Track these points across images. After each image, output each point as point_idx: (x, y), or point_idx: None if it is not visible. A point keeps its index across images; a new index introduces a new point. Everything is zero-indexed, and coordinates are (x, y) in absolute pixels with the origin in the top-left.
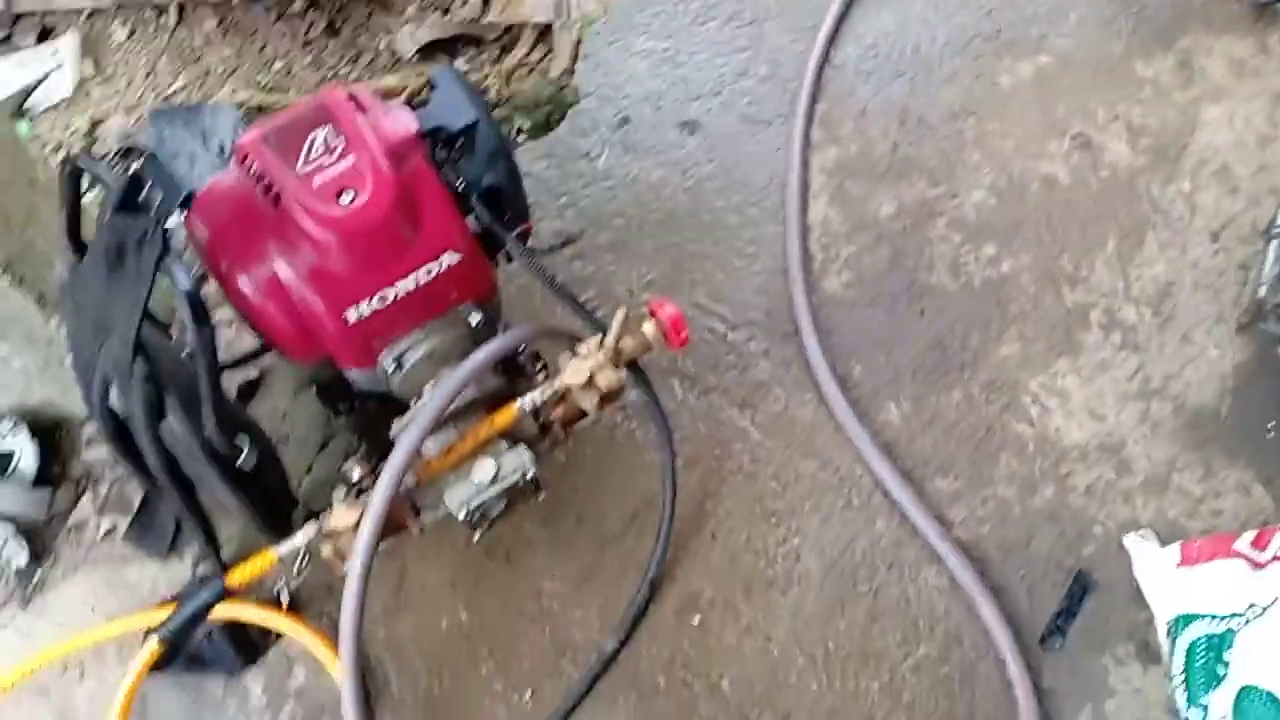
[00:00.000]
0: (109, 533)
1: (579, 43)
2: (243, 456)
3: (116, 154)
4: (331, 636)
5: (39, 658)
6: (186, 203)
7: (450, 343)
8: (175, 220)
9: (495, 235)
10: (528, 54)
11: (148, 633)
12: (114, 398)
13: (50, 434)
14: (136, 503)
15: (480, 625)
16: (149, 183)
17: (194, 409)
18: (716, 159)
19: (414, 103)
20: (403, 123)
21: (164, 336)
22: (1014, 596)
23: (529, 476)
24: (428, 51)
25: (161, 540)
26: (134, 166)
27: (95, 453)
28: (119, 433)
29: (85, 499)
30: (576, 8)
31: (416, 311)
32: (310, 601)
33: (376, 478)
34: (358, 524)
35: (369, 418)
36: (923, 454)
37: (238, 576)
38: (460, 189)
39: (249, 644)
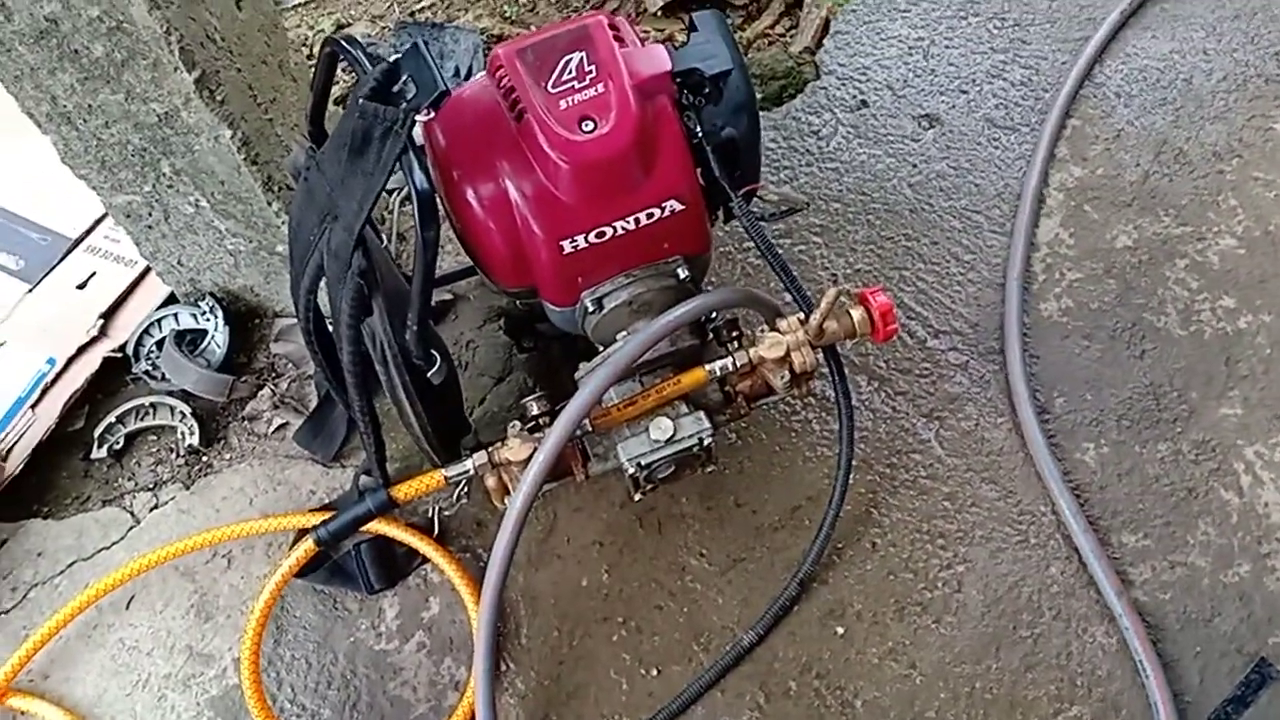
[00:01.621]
0: (280, 428)
1: (827, 22)
2: (434, 369)
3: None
4: (473, 573)
5: (191, 541)
6: (438, 101)
7: (653, 293)
8: (423, 117)
9: (722, 190)
10: (772, 25)
11: (302, 532)
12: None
13: (243, 320)
14: (313, 405)
15: (619, 591)
16: (404, 76)
17: (397, 312)
18: (951, 158)
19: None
20: (657, 60)
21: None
22: (1185, 672)
23: (705, 443)
24: (671, 9)
25: (329, 445)
26: (393, 57)
27: (282, 347)
28: (317, 324)
29: (264, 392)
30: None
31: (628, 255)
32: (458, 534)
33: (555, 416)
34: (528, 459)
35: (550, 360)
36: (1114, 504)
37: (403, 491)
38: (698, 137)
39: (392, 565)
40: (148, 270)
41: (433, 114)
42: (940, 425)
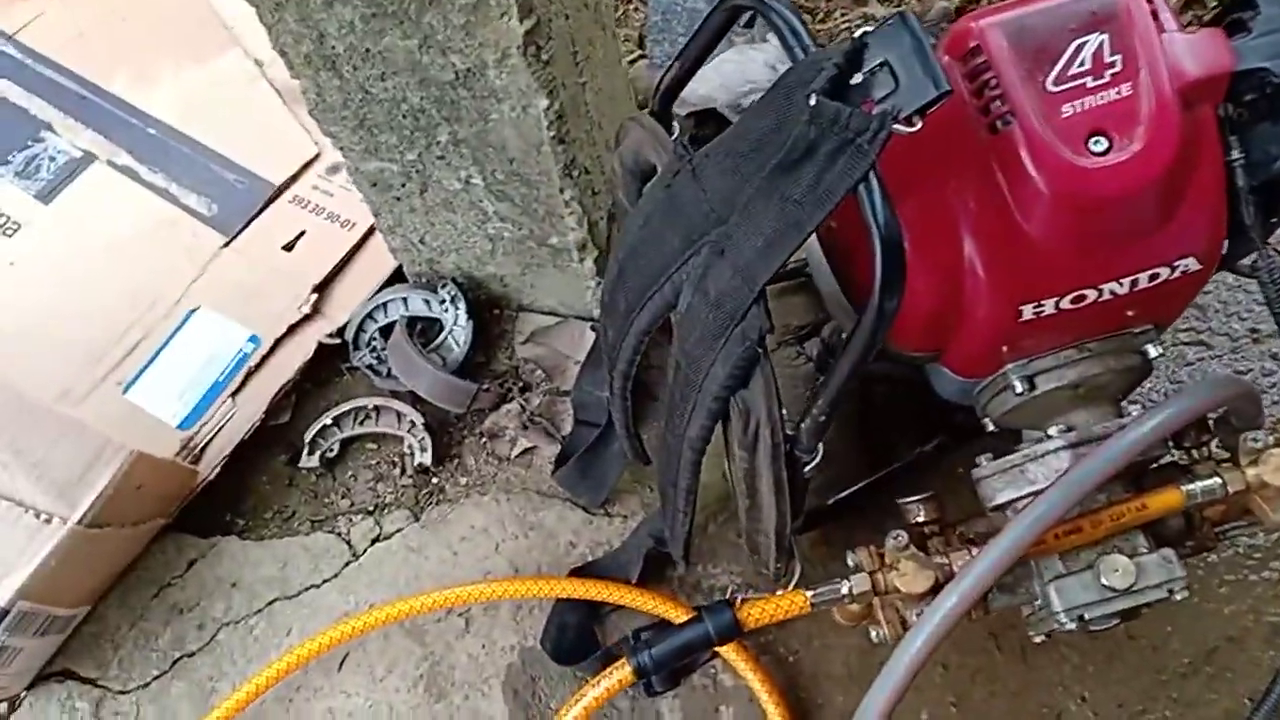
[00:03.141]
0: (526, 452)
1: None
2: (816, 460)
3: None
4: (778, 680)
5: (429, 599)
6: (930, 107)
7: (1111, 375)
8: (908, 129)
9: (1247, 243)
10: None
11: (625, 646)
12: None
13: (481, 311)
14: (566, 429)
15: None
16: (874, 63)
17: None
18: None
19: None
20: (1211, 53)
21: None
22: None
23: (1176, 597)
24: None
25: (598, 490)
26: (860, 33)
27: (531, 351)
28: (637, 378)
29: (510, 406)
30: None
31: (1088, 324)
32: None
33: (945, 535)
34: (927, 593)
35: (870, 407)
36: None
37: (754, 615)
38: (1234, 166)
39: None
40: (369, 234)
41: (920, 124)
42: None
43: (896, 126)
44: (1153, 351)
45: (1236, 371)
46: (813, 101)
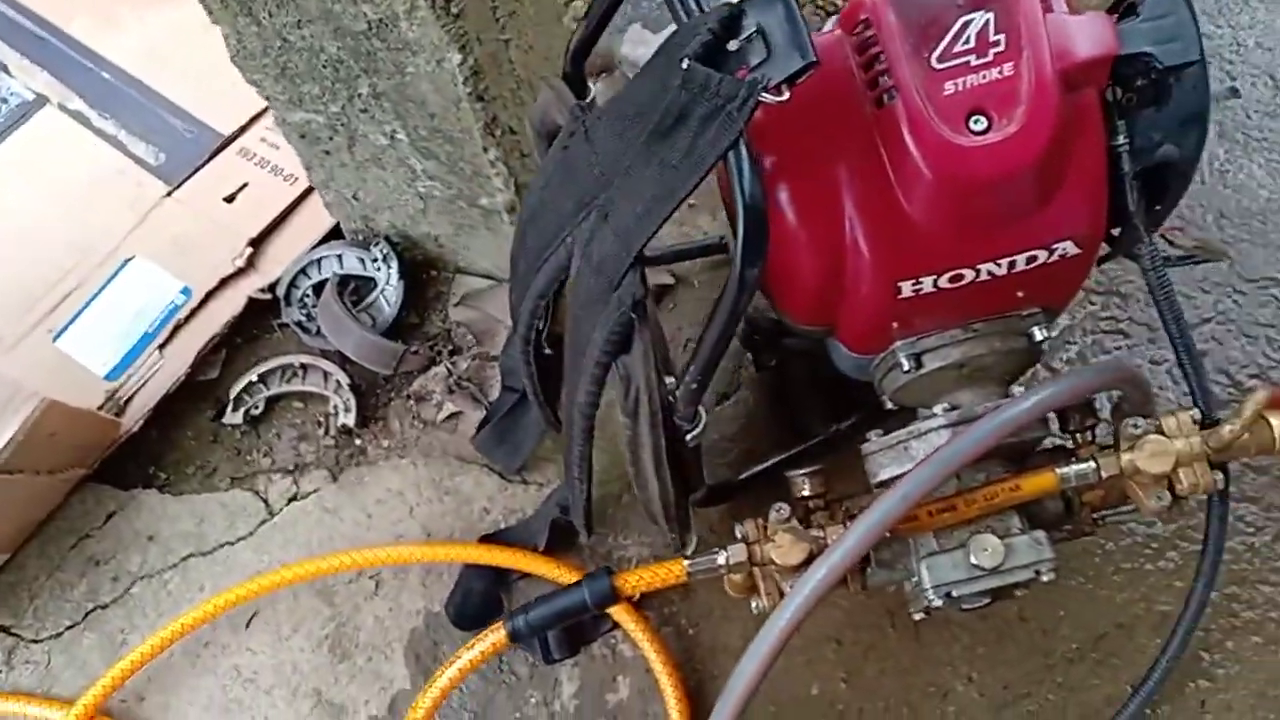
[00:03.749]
0: (452, 417)
1: None
2: (697, 430)
3: None
4: (676, 654)
5: (337, 559)
6: (797, 78)
7: (996, 356)
8: (777, 98)
9: (1132, 230)
10: None
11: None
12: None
13: (417, 272)
14: (494, 395)
15: (859, 711)
16: (751, 28)
17: (660, 356)
18: None
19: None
20: (1097, 36)
21: None
22: None
23: (1043, 578)
24: None
25: (514, 456)
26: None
27: (464, 314)
28: (538, 336)
29: (438, 369)
30: None
31: (974, 304)
32: (660, 598)
33: (831, 504)
34: (801, 566)
35: (793, 384)
36: None
37: (631, 582)
38: (1121, 153)
39: (576, 627)
40: (310, 191)
41: (788, 95)
42: None
43: (765, 96)
44: (1039, 335)
45: (1153, 361)
46: (685, 66)
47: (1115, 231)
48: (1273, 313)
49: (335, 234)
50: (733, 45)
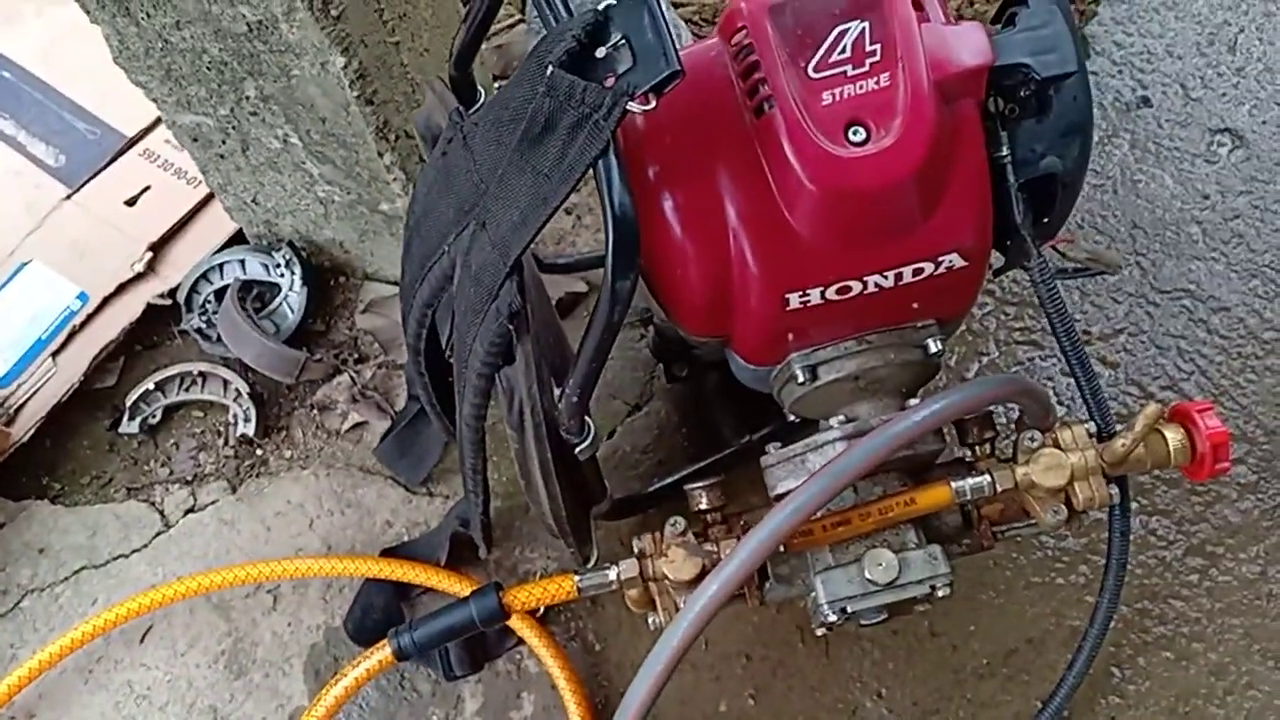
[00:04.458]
0: (356, 427)
1: None
2: (586, 443)
3: None
4: (581, 671)
5: (232, 573)
6: (665, 86)
7: (891, 368)
8: (641, 107)
9: (1021, 243)
10: None
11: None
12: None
13: (324, 278)
14: (400, 405)
15: None
16: (617, 36)
17: (548, 366)
18: (1256, 192)
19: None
20: (971, 46)
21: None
22: None
23: (939, 594)
24: None
25: (417, 468)
26: (604, 4)
27: (370, 322)
28: (430, 344)
29: (342, 379)
30: None
31: (866, 315)
32: (565, 614)
33: (729, 519)
34: (695, 580)
35: (703, 395)
36: None
37: (520, 599)
38: (1003, 165)
39: (478, 643)
40: (214, 195)
41: (654, 103)
42: (1213, 565)
43: (631, 105)
44: (934, 347)
45: (1065, 373)
46: (549, 73)
47: (1006, 243)
48: (1184, 324)
49: (239, 239)
50: (600, 53)
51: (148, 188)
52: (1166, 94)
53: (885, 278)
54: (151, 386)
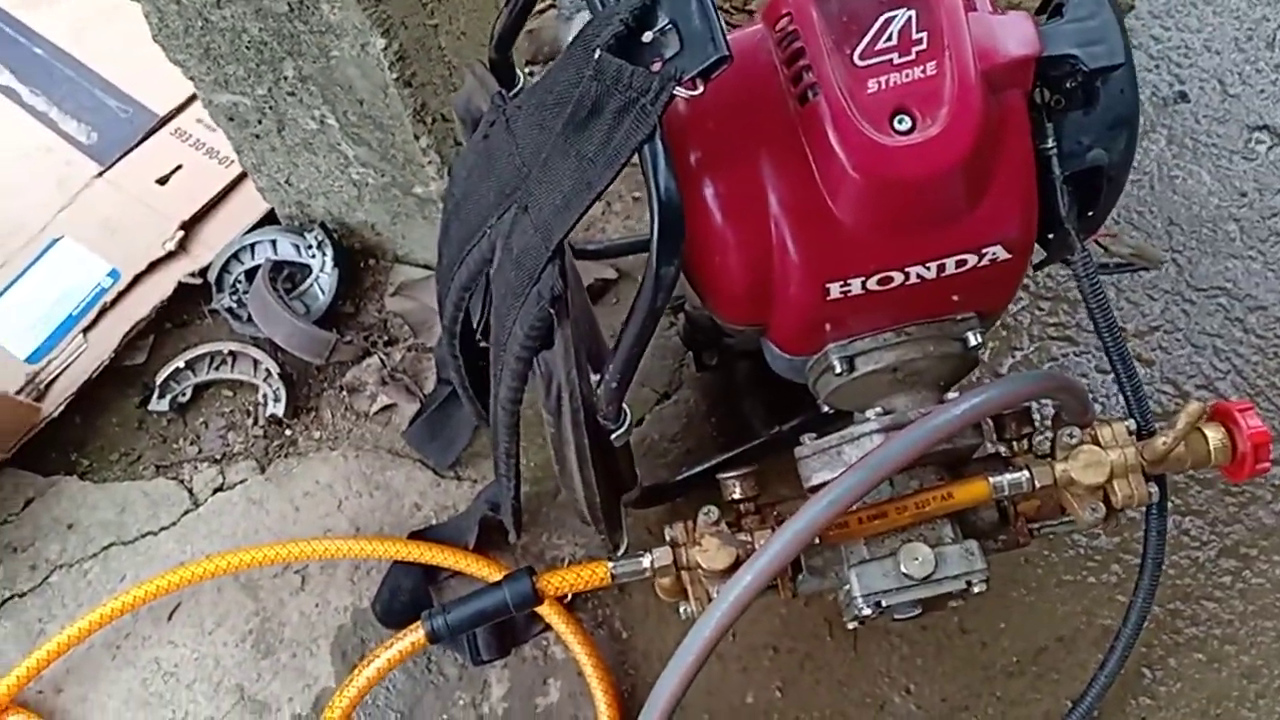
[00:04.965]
0: (385, 409)
1: None
2: (622, 429)
3: None
4: (608, 658)
5: (261, 553)
6: (713, 70)
7: (930, 361)
8: (689, 92)
9: (1065, 236)
10: None
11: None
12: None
13: (354, 260)
14: (429, 388)
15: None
16: (665, 21)
17: (584, 350)
18: None
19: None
20: (1019, 36)
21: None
22: None
23: (975, 590)
24: None
25: (447, 451)
26: None
27: (400, 304)
28: (465, 329)
29: (371, 361)
30: None
31: (907, 307)
32: (593, 601)
33: (762, 508)
34: (729, 570)
35: (734, 384)
36: None
37: (554, 584)
38: (1050, 157)
39: (506, 628)
40: (246, 175)
41: (702, 89)
42: (1247, 567)
43: (679, 90)
44: (973, 340)
45: (1100, 369)
46: (597, 57)
47: (1049, 236)
48: (1220, 322)
49: (271, 219)
50: (647, 37)
51: (179, 166)
52: (1204, 89)
53: (928, 269)
54: (182, 365)
